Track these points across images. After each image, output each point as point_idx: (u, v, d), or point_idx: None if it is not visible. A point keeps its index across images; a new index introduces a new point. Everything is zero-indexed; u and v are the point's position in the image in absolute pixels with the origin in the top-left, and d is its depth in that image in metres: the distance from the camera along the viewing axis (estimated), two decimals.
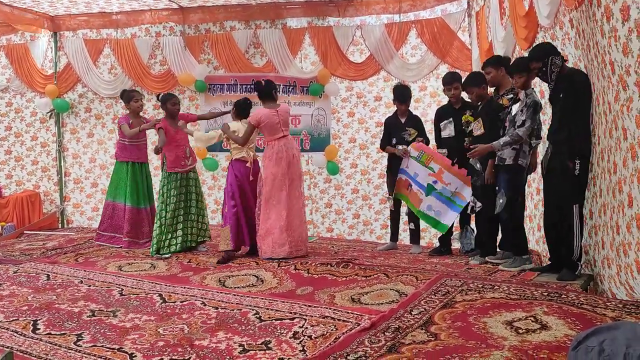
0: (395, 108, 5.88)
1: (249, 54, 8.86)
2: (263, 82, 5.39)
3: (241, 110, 5.56)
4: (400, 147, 5.59)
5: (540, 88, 4.75)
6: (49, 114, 9.36)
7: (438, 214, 5.33)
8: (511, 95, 4.64)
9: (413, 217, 5.75)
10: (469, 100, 5.19)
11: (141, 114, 6.37)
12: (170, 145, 5.56)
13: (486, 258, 4.83)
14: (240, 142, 5.32)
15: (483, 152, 4.52)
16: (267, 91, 5.32)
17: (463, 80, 5.21)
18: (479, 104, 4.96)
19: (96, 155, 9.44)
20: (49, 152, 9.55)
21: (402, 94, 5.79)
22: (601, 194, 3.59)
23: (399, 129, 5.72)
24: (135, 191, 6.19)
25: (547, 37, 4.57)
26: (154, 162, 9.21)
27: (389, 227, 6.12)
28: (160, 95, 5.82)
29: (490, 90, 5.02)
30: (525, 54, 5.15)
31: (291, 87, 8.49)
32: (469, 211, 5.10)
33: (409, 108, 5.85)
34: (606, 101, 3.29)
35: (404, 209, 5.89)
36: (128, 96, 6.23)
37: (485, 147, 4.48)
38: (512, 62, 4.66)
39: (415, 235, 5.83)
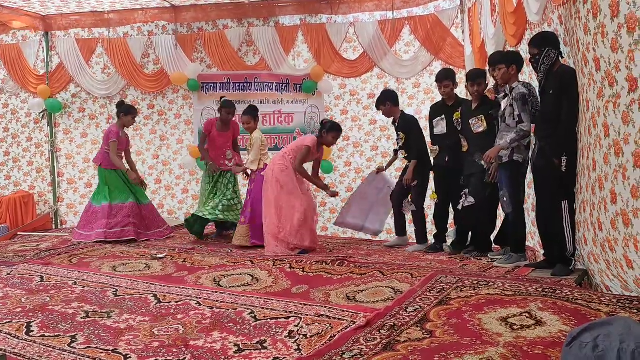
0: None
1: (241, 52, 8.84)
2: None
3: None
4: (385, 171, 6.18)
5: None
6: (42, 114, 9.31)
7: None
8: (502, 94, 4.62)
9: (417, 218, 5.71)
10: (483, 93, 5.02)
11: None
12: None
13: (489, 255, 4.84)
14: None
15: (495, 155, 4.41)
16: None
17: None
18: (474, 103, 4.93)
19: (90, 155, 9.34)
20: (42, 153, 9.51)
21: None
22: (581, 191, 3.60)
23: (395, 133, 5.79)
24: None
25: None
26: (148, 161, 9.21)
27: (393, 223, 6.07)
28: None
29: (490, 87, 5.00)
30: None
31: (284, 85, 8.48)
32: (458, 207, 5.08)
33: (402, 110, 5.82)
34: (584, 99, 3.30)
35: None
36: (128, 110, 6.47)
37: (494, 149, 4.40)
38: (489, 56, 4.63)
39: (419, 235, 5.73)
